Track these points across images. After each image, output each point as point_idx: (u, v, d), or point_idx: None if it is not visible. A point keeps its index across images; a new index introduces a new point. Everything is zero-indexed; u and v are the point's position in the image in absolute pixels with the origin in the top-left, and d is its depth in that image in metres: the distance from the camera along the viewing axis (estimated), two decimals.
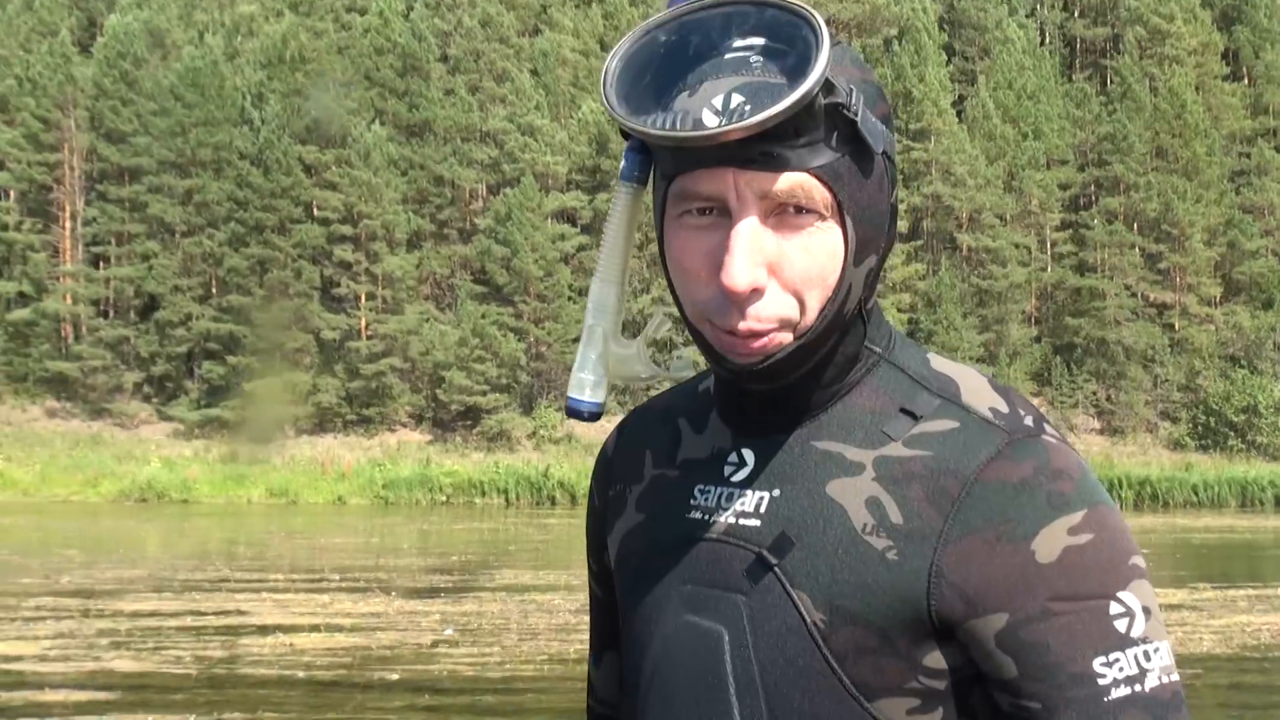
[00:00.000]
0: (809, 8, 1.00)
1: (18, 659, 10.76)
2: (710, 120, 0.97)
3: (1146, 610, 1.01)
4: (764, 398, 1.10)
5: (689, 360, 1.16)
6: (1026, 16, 67.91)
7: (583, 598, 15.03)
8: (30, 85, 55.58)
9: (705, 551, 1.11)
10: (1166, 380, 56.16)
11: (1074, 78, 67.44)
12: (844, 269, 1.03)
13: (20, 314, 53.35)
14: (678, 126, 0.98)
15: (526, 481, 43.05)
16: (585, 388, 1.11)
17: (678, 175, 1.03)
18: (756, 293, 1.00)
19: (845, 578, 1.03)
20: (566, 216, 56.92)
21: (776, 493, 1.08)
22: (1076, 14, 69.98)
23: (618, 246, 1.12)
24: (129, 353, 53.79)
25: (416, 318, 53.56)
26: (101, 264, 55.59)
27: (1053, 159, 60.62)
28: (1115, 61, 65.57)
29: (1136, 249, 58.48)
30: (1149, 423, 55.13)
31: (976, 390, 1.10)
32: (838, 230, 1.02)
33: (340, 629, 12.45)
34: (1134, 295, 57.78)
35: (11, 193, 56.92)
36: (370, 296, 54.36)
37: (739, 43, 1.01)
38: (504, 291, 54.31)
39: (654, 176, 1.10)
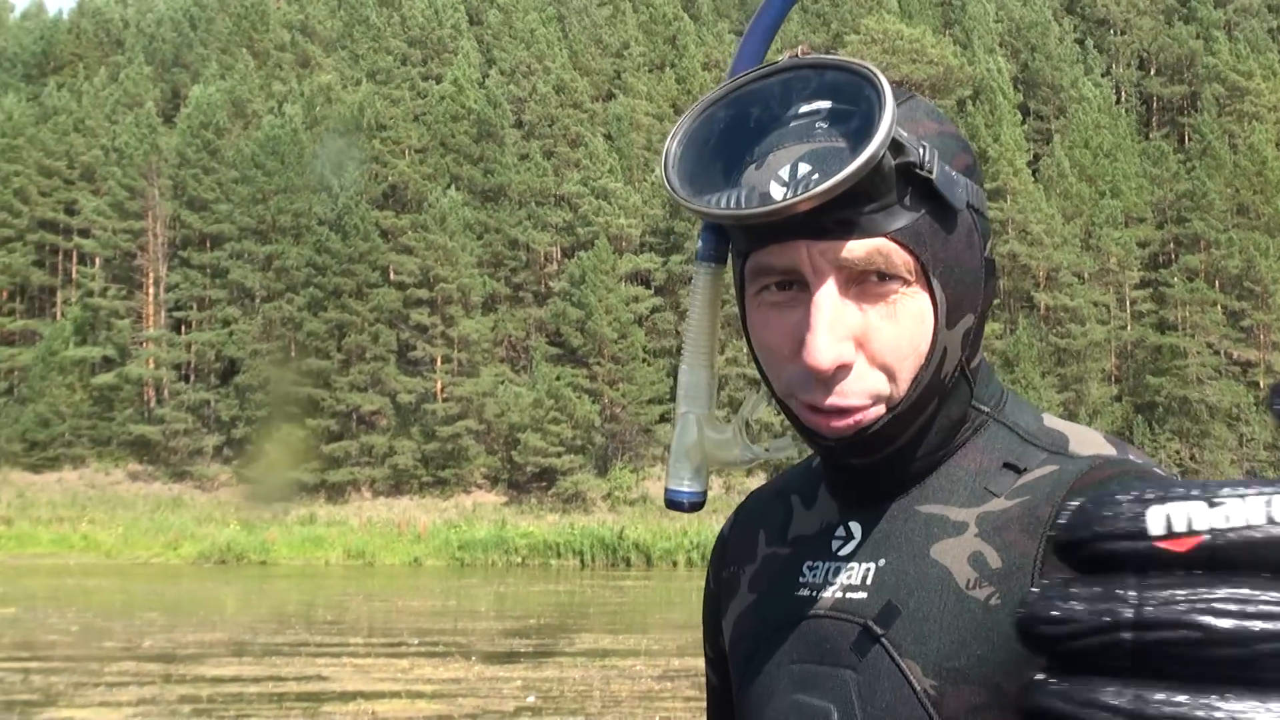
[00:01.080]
0: (870, 66, 0.95)
1: None
2: (777, 192, 0.93)
3: None
4: (867, 469, 1.05)
5: (789, 440, 1.10)
6: (1102, 75, 67.50)
7: (664, 664, 14.86)
8: (116, 155, 56.95)
9: (813, 628, 1.07)
10: (1252, 439, 55.02)
11: (1151, 135, 66.83)
12: (935, 333, 0.98)
13: (105, 378, 54.34)
14: (743, 203, 0.94)
15: (601, 543, 42.89)
16: (684, 477, 1.08)
17: (752, 252, 0.99)
18: (844, 369, 0.97)
19: (952, 638, 0.98)
20: (640, 279, 57.10)
21: (882, 562, 1.04)
22: (1153, 72, 69.47)
23: (703, 329, 1.09)
24: (210, 416, 54.52)
25: (492, 380, 53.82)
26: (183, 329, 56.53)
27: (1131, 217, 59.95)
28: (1193, 119, 64.89)
29: (1218, 306, 57.56)
30: None
31: (1087, 442, 1.05)
32: (924, 294, 0.97)
33: (421, 695, 12.38)
34: (1216, 353, 56.80)
35: (97, 259, 58.20)
36: (446, 359, 54.73)
37: (804, 109, 0.96)
38: (578, 353, 54.48)
39: (731, 253, 1.07)
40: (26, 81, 67.88)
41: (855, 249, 0.94)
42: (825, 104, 0.96)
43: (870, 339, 0.97)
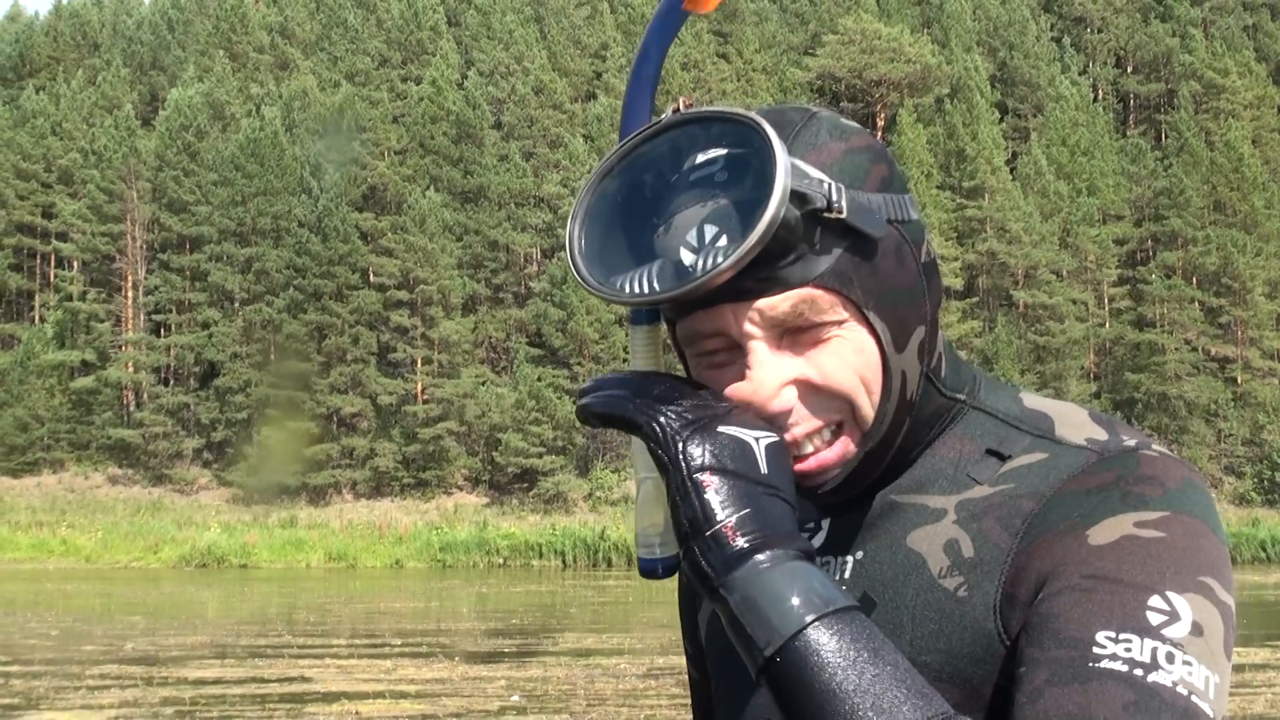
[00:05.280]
0: (753, 115, 0.91)
1: None
2: (688, 259, 0.90)
3: (1198, 627, 0.86)
4: None
5: None
6: (1079, 73, 67.81)
7: (648, 663, 14.88)
8: (95, 158, 56.72)
9: None
10: (1230, 435, 55.31)
11: (1128, 133, 67.15)
12: (885, 362, 0.96)
13: (84, 382, 54.10)
14: (655, 285, 0.91)
15: (583, 543, 42.89)
16: (654, 545, 1.03)
17: (679, 319, 0.97)
18: (788, 413, 0.94)
19: (924, 630, 0.96)
20: None
21: (860, 554, 1.03)
22: (1129, 70, 69.79)
23: None
24: (189, 419, 54.33)
25: (472, 381, 53.76)
26: (162, 332, 56.33)
27: (1108, 214, 60.24)
28: (1170, 116, 65.24)
29: (1196, 303, 57.85)
30: (1213, 478, 54.24)
31: (1074, 424, 1.01)
32: (861, 328, 0.95)
33: (405, 695, 12.37)
34: (1195, 350, 57.09)
35: (76, 263, 57.97)
36: (427, 361, 54.65)
37: (701, 158, 0.93)
38: (559, 354, 54.45)
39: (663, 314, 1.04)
40: (3, 85, 67.60)
41: (779, 304, 0.92)
42: (721, 151, 0.92)
43: (812, 377, 0.95)
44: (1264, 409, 55.60)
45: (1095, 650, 0.84)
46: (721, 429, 0.90)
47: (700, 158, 0.93)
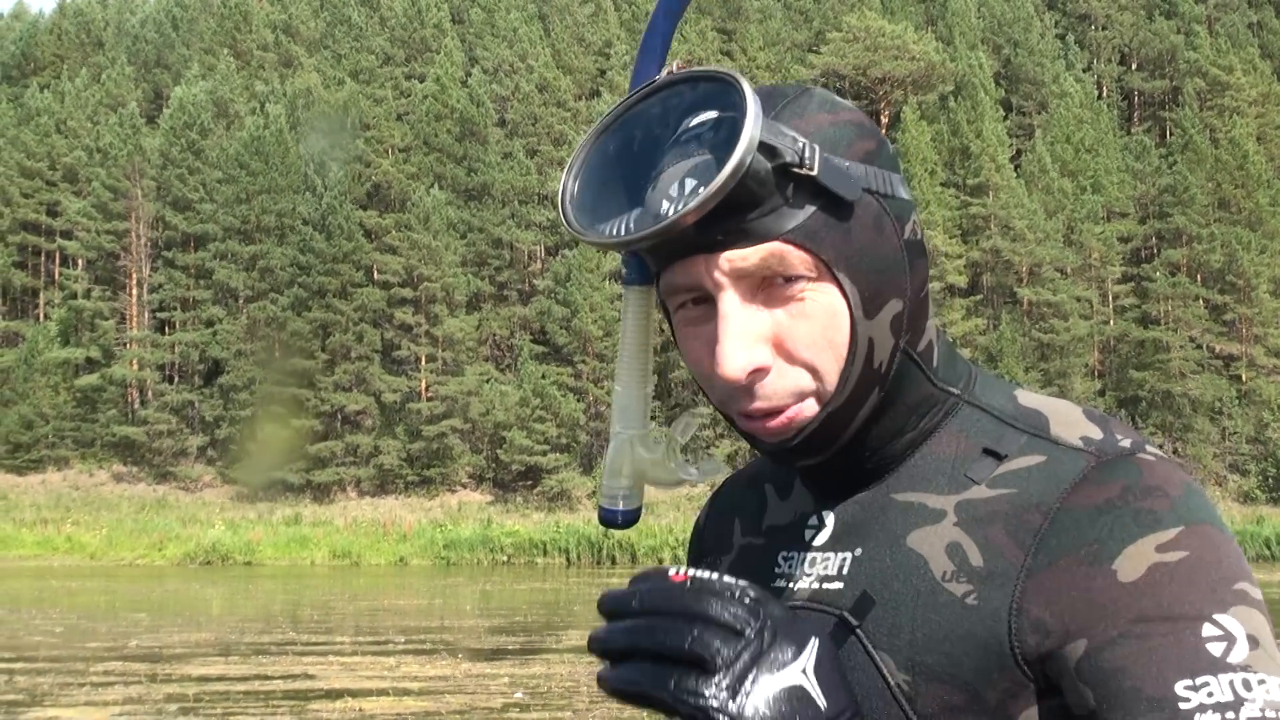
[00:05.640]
0: (735, 73, 0.94)
1: None
2: (666, 209, 0.93)
3: (1254, 640, 0.89)
4: (832, 462, 1.04)
5: (719, 461, 1.10)
6: (1083, 70, 67.76)
7: None
8: (99, 155, 56.78)
9: None
10: (1235, 433, 55.26)
11: (1133, 130, 67.11)
12: (853, 325, 0.97)
13: (88, 379, 54.19)
14: (632, 228, 0.95)
15: (587, 541, 42.89)
16: (618, 497, 1.08)
17: (661, 272, 1.00)
18: (760, 372, 0.96)
19: (926, 631, 0.96)
20: None
21: (858, 551, 1.03)
22: (1134, 67, 69.72)
23: (634, 350, 1.08)
24: (193, 417, 54.39)
25: (477, 379, 53.79)
26: (167, 329, 56.38)
27: (1113, 211, 60.19)
28: (1175, 114, 65.19)
29: (1200, 300, 57.81)
30: (1218, 476, 54.22)
31: (1068, 422, 1.02)
32: (833, 288, 0.96)
33: (408, 692, 12.39)
34: (1199, 347, 57.04)
35: (81, 261, 58.01)
36: (431, 358, 54.68)
37: (694, 121, 0.95)
38: (564, 351, 54.47)
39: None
40: (7, 83, 67.67)
41: (749, 256, 0.94)
42: (712, 114, 0.94)
43: (784, 339, 0.96)
44: (1268, 406, 55.57)
45: (1182, 706, 0.86)
46: (774, 683, 0.84)
47: (693, 121, 0.95)
